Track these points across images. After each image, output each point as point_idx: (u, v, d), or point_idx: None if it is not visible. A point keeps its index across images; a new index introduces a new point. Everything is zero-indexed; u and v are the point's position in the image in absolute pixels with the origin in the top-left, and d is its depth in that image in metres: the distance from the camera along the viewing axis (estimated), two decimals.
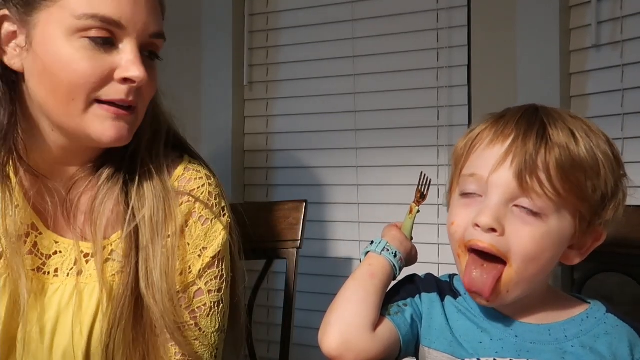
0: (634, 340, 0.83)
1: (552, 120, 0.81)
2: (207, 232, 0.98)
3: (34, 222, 0.96)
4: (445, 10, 1.64)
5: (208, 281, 0.98)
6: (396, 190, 1.69)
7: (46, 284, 0.94)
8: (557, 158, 0.78)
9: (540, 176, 0.77)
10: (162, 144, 1.01)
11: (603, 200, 0.80)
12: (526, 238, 0.78)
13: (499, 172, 0.79)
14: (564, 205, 0.78)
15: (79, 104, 0.88)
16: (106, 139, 0.90)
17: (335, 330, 0.84)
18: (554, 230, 0.79)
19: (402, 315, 0.87)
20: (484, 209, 0.79)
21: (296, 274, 1.33)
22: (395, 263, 0.92)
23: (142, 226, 0.94)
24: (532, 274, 0.80)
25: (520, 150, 0.78)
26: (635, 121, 1.40)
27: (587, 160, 0.79)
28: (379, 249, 0.92)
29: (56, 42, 0.87)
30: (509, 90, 1.53)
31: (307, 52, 1.84)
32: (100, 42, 0.87)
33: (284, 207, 1.36)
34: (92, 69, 0.87)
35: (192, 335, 0.96)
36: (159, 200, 0.95)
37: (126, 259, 0.93)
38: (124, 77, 0.88)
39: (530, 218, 0.78)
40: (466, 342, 0.84)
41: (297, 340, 1.41)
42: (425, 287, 0.90)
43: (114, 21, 0.86)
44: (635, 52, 1.40)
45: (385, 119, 1.73)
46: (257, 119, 1.93)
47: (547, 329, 0.83)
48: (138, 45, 0.89)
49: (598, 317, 0.84)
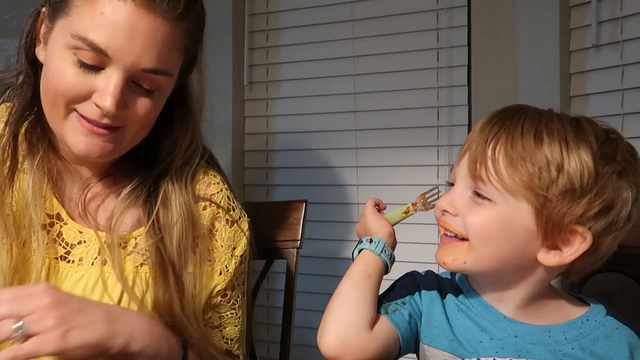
0: (634, 343, 0.83)
1: (517, 117, 0.82)
2: (234, 233, 1.06)
3: (59, 212, 0.99)
4: (445, 10, 1.64)
5: (238, 276, 1.08)
6: (396, 190, 1.69)
7: (70, 272, 0.97)
8: (506, 149, 0.80)
9: (487, 164, 0.81)
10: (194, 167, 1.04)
11: (567, 195, 0.78)
12: (476, 217, 0.82)
13: (460, 164, 0.86)
14: (515, 194, 0.79)
15: (60, 110, 0.91)
16: (76, 151, 0.93)
17: (333, 331, 0.84)
18: (504, 214, 0.80)
19: (400, 314, 0.87)
20: (445, 195, 0.86)
21: (296, 274, 1.33)
22: (389, 264, 0.93)
23: (170, 246, 0.98)
24: (488, 254, 0.82)
25: (477, 143, 0.83)
26: (635, 121, 1.40)
27: (545, 155, 0.79)
28: (378, 250, 0.93)
29: (56, 49, 0.90)
30: (509, 90, 1.53)
31: (307, 52, 1.84)
32: (85, 66, 0.88)
33: (284, 207, 1.36)
34: (73, 84, 0.89)
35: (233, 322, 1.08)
36: (187, 225, 0.99)
37: (159, 273, 0.97)
38: (95, 103, 0.89)
39: (481, 201, 0.82)
40: (466, 340, 0.84)
41: (297, 340, 1.41)
42: (425, 285, 0.91)
43: (100, 49, 0.87)
44: (635, 52, 1.40)
45: (385, 119, 1.73)
46: (257, 119, 1.93)
47: (547, 330, 0.83)
48: (124, 77, 0.88)
49: (598, 319, 0.84)
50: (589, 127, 0.82)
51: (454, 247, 0.84)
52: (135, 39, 0.87)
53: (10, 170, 0.95)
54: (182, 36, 0.93)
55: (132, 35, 0.87)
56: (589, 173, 0.78)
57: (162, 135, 1.02)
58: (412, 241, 1.61)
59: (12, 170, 0.96)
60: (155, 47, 0.89)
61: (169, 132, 1.02)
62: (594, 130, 0.82)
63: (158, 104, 0.95)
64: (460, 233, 0.83)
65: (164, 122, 1.01)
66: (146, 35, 0.88)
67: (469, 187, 0.83)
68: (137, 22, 0.87)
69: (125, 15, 0.87)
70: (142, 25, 0.87)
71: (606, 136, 0.82)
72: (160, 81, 0.92)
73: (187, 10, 0.92)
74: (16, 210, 0.95)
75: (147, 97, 0.92)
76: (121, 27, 0.87)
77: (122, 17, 0.87)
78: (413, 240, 1.58)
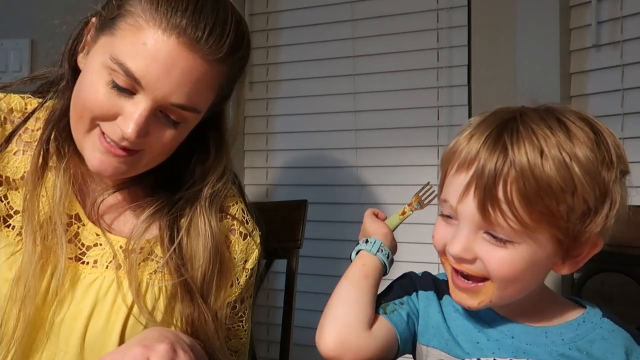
0: (630, 345, 0.82)
1: (517, 141, 0.76)
2: (247, 246, 1.07)
3: (78, 213, 1.00)
4: (445, 10, 1.64)
5: (248, 289, 1.08)
6: (396, 190, 1.69)
7: (83, 273, 0.98)
8: (518, 187, 0.74)
9: (502, 207, 0.74)
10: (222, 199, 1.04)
11: (584, 217, 0.76)
12: (498, 263, 0.77)
13: (464, 204, 0.78)
14: (535, 232, 0.75)
15: (84, 123, 0.92)
16: (90, 166, 0.94)
17: (332, 331, 0.84)
18: (527, 254, 0.77)
19: (398, 314, 0.87)
20: (454, 238, 0.79)
21: (296, 274, 1.33)
22: (387, 263, 0.93)
23: (192, 274, 0.98)
24: (515, 291, 0.80)
25: (480, 181, 0.76)
26: (635, 121, 1.40)
27: (557, 180, 0.74)
28: (374, 249, 0.93)
29: (94, 65, 0.91)
30: (509, 90, 1.53)
31: (307, 52, 1.84)
32: (118, 88, 0.89)
33: (284, 207, 1.36)
34: (102, 102, 0.90)
35: (239, 335, 1.09)
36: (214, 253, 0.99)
37: (176, 288, 0.97)
38: (119, 126, 0.90)
39: (500, 244, 0.77)
40: (463, 341, 0.84)
41: (297, 340, 1.41)
42: (422, 285, 0.91)
43: (135, 77, 0.87)
44: (635, 52, 1.40)
45: (385, 119, 1.73)
46: (257, 119, 1.93)
47: (543, 331, 0.83)
48: (151, 107, 0.89)
49: (594, 321, 0.84)
50: (578, 130, 0.78)
51: (477, 290, 0.80)
52: (170, 75, 0.88)
53: (42, 167, 0.97)
54: (218, 76, 0.93)
55: (168, 72, 0.87)
56: (598, 187, 0.76)
57: (195, 161, 1.02)
58: (412, 241, 1.61)
59: (44, 167, 0.97)
60: (188, 86, 0.89)
61: (201, 159, 1.03)
62: (584, 133, 0.78)
63: (181, 134, 0.96)
64: (478, 274, 0.79)
65: (198, 147, 1.02)
66: (182, 72, 0.88)
67: (480, 228, 0.77)
68: (177, 59, 0.87)
69: (166, 51, 0.87)
70: (180, 63, 0.88)
71: (594, 135, 0.78)
72: (187, 116, 0.93)
73: (229, 54, 0.92)
74: (43, 205, 0.96)
75: (171, 128, 0.93)
76: (159, 61, 0.87)
77: (162, 51, 0.87)
78: (413, 240, 1.58)
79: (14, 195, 0.98)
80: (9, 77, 1.91)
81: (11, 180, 0.98)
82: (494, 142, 0.77)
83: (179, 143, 0.97)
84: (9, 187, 0.98)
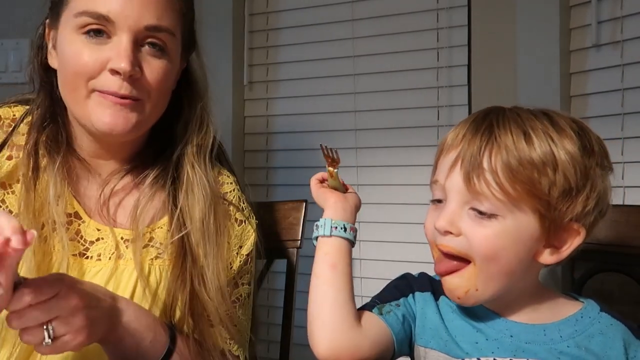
0: (628, 339, 0.83)
1: (503, 122, 0.80)
2: (242, 232, 1.09)
3: (78, 211, 1.03)
4: (445, 10, 1.64)
5: (243, 275, 1.09)
6: (396, 190, 1.69)
7: (88, 267, 1.00)
8: (503, 158, 0.77)
9: (487, 177, 0.78)
10: (209, 152, 1.07)
11: (566, 195, 0.78)
12: (481, 238, 0.79)
13: (451, 178, 0.81)
14: (519, 204, 0.78)
15: (81, 91, 0.95)
16: (102, 125, 0.96)
17: (323, 337, 0.84)
18: (510, 229, 0.78)
19: (394, 314, 0.87)
20: (441, 214, 0.81)
21: (296, 274, 1.33)
22: (348, 237, 0.89)
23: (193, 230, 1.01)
24: (496, 272, 0.80)
25: (467, 154, 0.79)
26: (635, 121, 1.40)
27: (540, 156, 0.77)
28: (326, 231, 0.89)
29: (66, 39, 0.96)
30: (509, 90, 1.53)
31: (307, 52, 1.84)
32: (93, 35, 0.94)
33: (284, 207, 1.36)
34: (87, 59, 0.94)
35: (234, 321, 1.07)
36: (209, 205, 1.03)
37: (177, 260, 1.00)
38: (111, 68, 0.93)
39: (483, 219, 0.79)
40: (462, 341, 0.84)
41: (297, 340, 1.41)
42: (418, 286, 0.90)
43: (102, 15, 0.93)
44: (635, 52, 1.40)
45: (385, 118, 1.73)
46: (257, 119, 1.93)
47: (542, 329, 0.83)
48: (131, 39, 0.94)
49: (592, 316, 0.84)
50: (561, 120, 0.81)
51: (459, 275, 0.81)
52: (131, 1, 0.94)
53: (34, 172, 0.99)
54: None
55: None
56: (579, 169, 0.79)
57: (174, 123, 1.06)
58: (412, 241, 1.61)
59: (35, 172, 1.00)
60: (151, 6, 0.95)
61: (180, 119, 1.06)
62: (567, 122, 0.81)
63: (169, 70, 0.99)
64: (461, 253, 0.81)
65: (175, 110, 1.05)
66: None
67: (466, 203, 0.80)
68: None
69: None
70: None
71: (577, 126, 0.82)
72: (165, 39, 0.97)
73: None
74: (42, 207, 0.98)
75: (157, 59, 0.97)
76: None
77: None
78: (413, 240, 1.58)
79: (11, 199, 1.00)
80: (9, 77, 1.92)
81: (7, 184, 1.01)
82: (480, 123, 0.81)
83: (170, 83, 1.01)
84: (5, 192, 1.00)
